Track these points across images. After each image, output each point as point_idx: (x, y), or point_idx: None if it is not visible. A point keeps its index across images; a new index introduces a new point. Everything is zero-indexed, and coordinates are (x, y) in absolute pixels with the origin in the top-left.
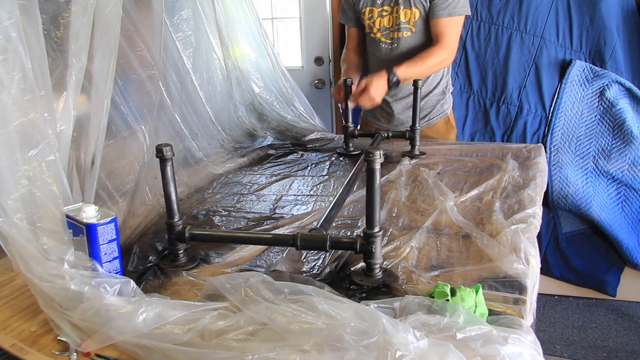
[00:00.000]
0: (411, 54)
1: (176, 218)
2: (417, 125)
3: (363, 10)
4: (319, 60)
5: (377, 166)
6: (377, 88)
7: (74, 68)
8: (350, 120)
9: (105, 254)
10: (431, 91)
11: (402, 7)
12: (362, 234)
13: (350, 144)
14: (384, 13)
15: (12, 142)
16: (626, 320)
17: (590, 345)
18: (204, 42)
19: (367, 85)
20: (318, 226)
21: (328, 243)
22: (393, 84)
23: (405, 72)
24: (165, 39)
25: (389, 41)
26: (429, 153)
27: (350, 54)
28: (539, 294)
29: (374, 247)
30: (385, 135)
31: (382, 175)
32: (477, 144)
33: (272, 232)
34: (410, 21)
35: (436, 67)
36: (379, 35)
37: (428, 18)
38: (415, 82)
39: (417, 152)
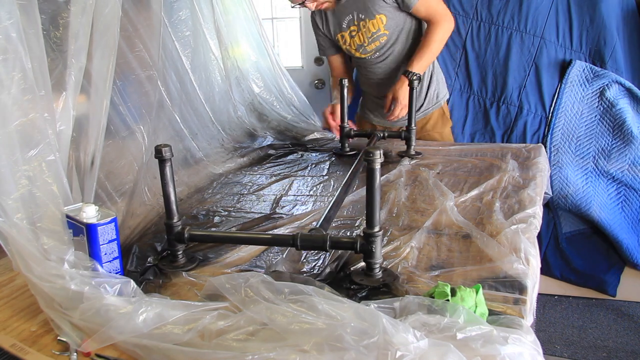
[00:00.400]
0: (396, 53)
1: (175, 219)
2: (413, 125)
3: (336, 39)
4: (319, 60)
5: (377, 166)
6: (406, 95)
7: (73, 68)
8: (346, 120)
9: (105, 254)
10: (424, 80)
11: (366, 20)
12: (362, 234)
13: (347, 144)
14: (353, 33)
15: (12, 142)
16: (626, 320)
17: (590, 345)
18: (202, 43)
19: (395, 97)
20: (317, 226)
21: (328, 243)
22: (414, 82)
23: (419, 66)
24: (164, 39)
25: (369, 54)
26: (429, 153)
27: (336, 69)
28: (539, 294)
29: (374, 246)
30: (382, 135)
31: (381, 175)
32: (477, 144)
33: (272, 232)
34: (380, 28)
35: (443, 42)
36: (358, 54)
37: (396, 17)
38: (410, 83)
39: (413, 152)
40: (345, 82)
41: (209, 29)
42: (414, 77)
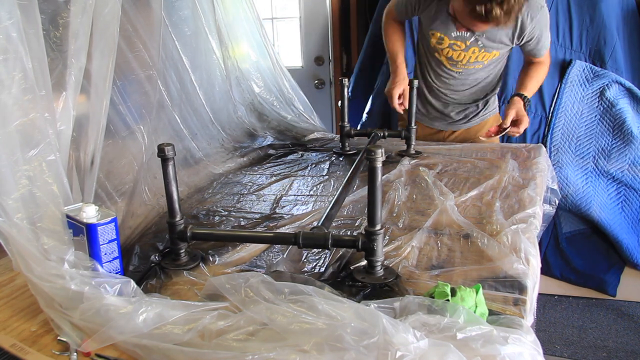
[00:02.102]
0: (477, 77)
1: (178, 217)
2: (413, 124)
3: (432, 32)
4: (319, 60)
5: (379, 164)
6: (527, 118)
7: (73, 68)
8: (347, 119)
9: (105, 254)
10: (491, 91)
11: (481, 50)
12: (363, 232)
13: (347, 144)
14: (456, 47)
15: (12, 142)
16: (626, 320)
17: (590, 345)
18: (203, 42)
19: (519, 119)
20: (319, 224)
21: (330, 241)
22: (528, 106)
23: (531, 92)
24: (164, 39)
25: (454, 70)
26: (429, 153)
27: (395, 23)
28: (539, 294)
29: (376, 244)
30: (382, 134)
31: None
32: (477, 144)
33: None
34: (487, 59)
35: (543, 79)
36: (444, 60)
37: (503, 55)
38: (411, 82)
39: (413, 152)
40: (346, 81)
41: (210, 29)
42: (527, 102)
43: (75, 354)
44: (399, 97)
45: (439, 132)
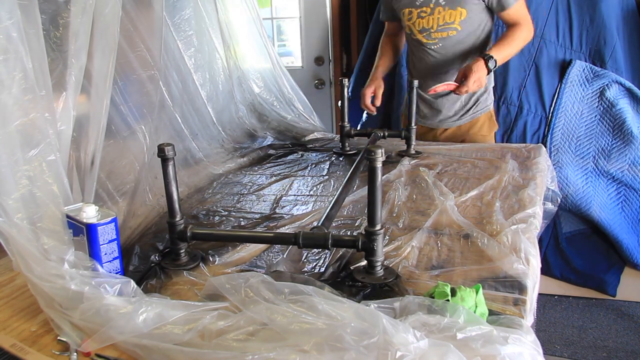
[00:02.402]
0: (458, 52)
1: (178, 217)
2: (413, 124)
3: (402, 11)
4: (319, 60)
5: (379, 164)
6: (480, 71)
7: (74, 68)
8: (347, 119)
9: (105, 254)
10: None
11: (445, 8)
12: (363, 232)
13: (347, 144)
14: (423, 14)
15: (12, 142)
16: (626, 320)
17: (590, 345)
18: (207, 42)
19: (467, 72)
20: (319, 224)
21: (330, 241)
22: (491, 66)
23: (498, 53)
24: (166, 39)
25: (431, 42)
26: (429, 153)
27: (385, 44)
28: (539, 294)
29: (376, 244)
30: (382, 134)
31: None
32: (477, 144)
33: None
34: (455, 21)
35: (523, 44)
36: (419, 37)
37: (476, 17)
38: (410, 83)
39: (413, 152)
40: (346, 81)
41: (213, 28)
42: (491, 60)
43: (75, 354)
44: (372, 98)
45: (431, 131)
